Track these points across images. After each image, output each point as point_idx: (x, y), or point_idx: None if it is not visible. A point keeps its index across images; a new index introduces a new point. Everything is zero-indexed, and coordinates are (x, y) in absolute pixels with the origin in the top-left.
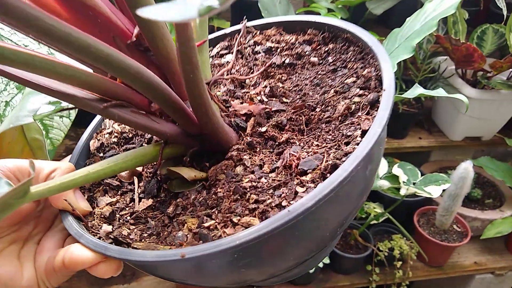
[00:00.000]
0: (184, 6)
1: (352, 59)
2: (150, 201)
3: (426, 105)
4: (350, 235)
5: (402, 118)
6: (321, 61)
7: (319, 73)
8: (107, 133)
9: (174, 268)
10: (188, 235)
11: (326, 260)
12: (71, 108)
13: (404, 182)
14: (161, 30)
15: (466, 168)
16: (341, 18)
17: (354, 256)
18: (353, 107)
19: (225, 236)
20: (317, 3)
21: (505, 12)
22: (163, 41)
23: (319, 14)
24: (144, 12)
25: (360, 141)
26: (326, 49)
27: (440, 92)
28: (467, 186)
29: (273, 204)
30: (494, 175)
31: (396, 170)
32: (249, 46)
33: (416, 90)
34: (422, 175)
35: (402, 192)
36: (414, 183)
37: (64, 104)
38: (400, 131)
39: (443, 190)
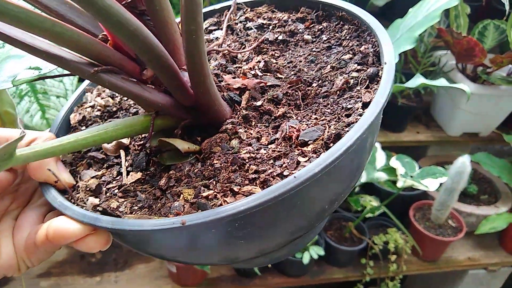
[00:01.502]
0: None
1: (348, 37)
2: (139, 175)
3: (425, 100)
4: (345, 227)
5: (400, 112)
6: (314, 39)
7: (313, 50)
8: (89, 106)
9: (169, 240)
10: (185, 206)
11: (321, 252)
12: (56, 76)
13: (401, 174)
14: None
15: (463, 163)
16: None
17: (349, 248)
18: (351, 81)
19: (225, 205)
20: None
21: (507, 8)
22: (160, 3)
23: None
24: None
25: (362, 112)
26: (320, 27)
27: (442, 82)
28: (464, 181)
29: (275, 174)
30: (491, 171)
31: (394, 162)
32: (240, 22)
33: (418, 80)
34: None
35: (399, 184)
36: (411, 176)
37: (46, 71)
38: (398, 125)
39: (440, 184)
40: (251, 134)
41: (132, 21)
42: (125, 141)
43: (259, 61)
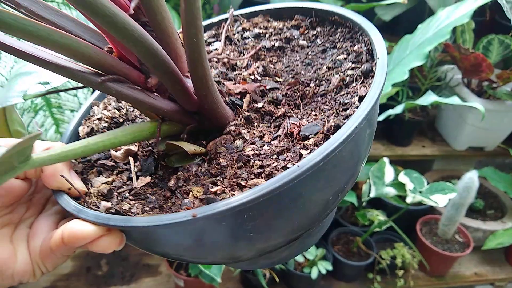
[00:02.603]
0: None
1: (341, 39)
2: (148, 178)
3: (430, 113)
4: (352, 242)
5: (407, 126)
6: (310, 44)
7: (309, 54)
8: (97, 119)
9: (180, 235)
10: (194, 202)
11: (329, 267)
12: (64, 90)
13: (410, 190)
14: (160, 2)
15: (471, 178)
16: None
17: (356, 263)
18: (347, 79)
19: (233, 197)
20: None
21: None
22: (161, 13)
23: None
24: None
25: (359, 105)
26: (314, 32)
27: (455, 100)
28: (472, 197)
29: (279, 167)
30: (498, 186)
31: (403, 178)
32: (237, 32)
33: (430, 98)
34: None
35: (409, 200)
36: (420, 192)
37: (55, 85)
38: (404, 139)
39: (449, 200)
40: (254, 133)
41: (136, 28)
42: (133, 148)
43: (258, 67)
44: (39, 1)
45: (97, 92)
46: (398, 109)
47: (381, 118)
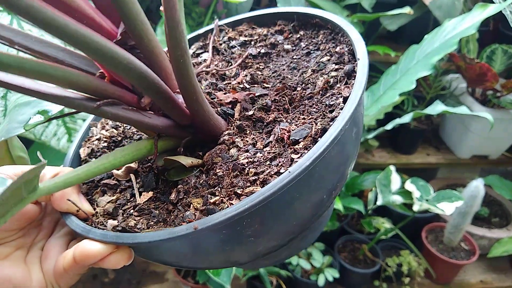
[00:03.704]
0: None
1: (324, 41)
2: (150, 193)
3: (434, 122)
4: (358, 249)
5: (412, 134)
6: (294, 48)
7: (294, 58)
8: (96, 139)
9: (185, 246)
10: (195, 213)
11: (336, 275)
12: (61, 116)
13: (417, 198)
14: (146, 26)
15: (477, 186)
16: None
17: (363, 271)
18: (331, 80)
19: (231, 206)
20: None
21: None
22: (148, 36)
23: None
24: None
25: (343, 106)
26: (298, 36)
27: (463, 110)
28: (477, 205)
29: (272, 173)
30: (503, 194)
31: (409, 186)
32: (224, 42)
33: (438, 107)
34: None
35: (416, 208)
36: (427, 200)
37: (54, 112)
38: (409, 147)
39: (455, 208)
40: (247, 141)
41: (124, 56)
42: (134, 165)
43: (246, 75)
44: (31, 35)
45: None
46: (406, 118)
47: (388, 127)
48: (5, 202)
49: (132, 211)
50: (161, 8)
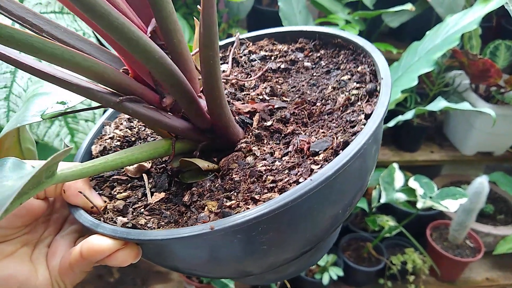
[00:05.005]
0: None
1: (345, 61)
2: (162, 194)
3: (438, 119)
4: (363, 248)
5: (415, 131)
6: (314, 65)
7: (314, 75)
8: (109, 138)
9: (197, 249)
10: (210, 216)
11: (340, 273)
12: (81, 110)
13: (420, 195)
14: (177, 26)
15: (481, 183)
16: (358, 30)
17: (367, 269)
18: (352, 98)
19: (249, 210)
20: (335, 14)
21: None
22: (177, 37)
23: (336, 25)
24: None
25: (365, 123)
26: (318, 54)
27: (465, 106)
28: (482, 202)
29: (291, 181)
30: (508, 191)
31: (413, 183)
32: (244, 55)
33: (440, 103)
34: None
35: (419, 205)
36: (430, 197)
37: (72, 104)
38: (412, 144)
39: (460, 205)
40: (265, 150)
41: (157, 50)
42: (147, 164)
43: (265, 87)
44: (60, 26)
45: (108, 112)
46: (408, 115)
47: (391, 124)
48: (25, 185)
49: (142, 210)
50: (199, 6)
